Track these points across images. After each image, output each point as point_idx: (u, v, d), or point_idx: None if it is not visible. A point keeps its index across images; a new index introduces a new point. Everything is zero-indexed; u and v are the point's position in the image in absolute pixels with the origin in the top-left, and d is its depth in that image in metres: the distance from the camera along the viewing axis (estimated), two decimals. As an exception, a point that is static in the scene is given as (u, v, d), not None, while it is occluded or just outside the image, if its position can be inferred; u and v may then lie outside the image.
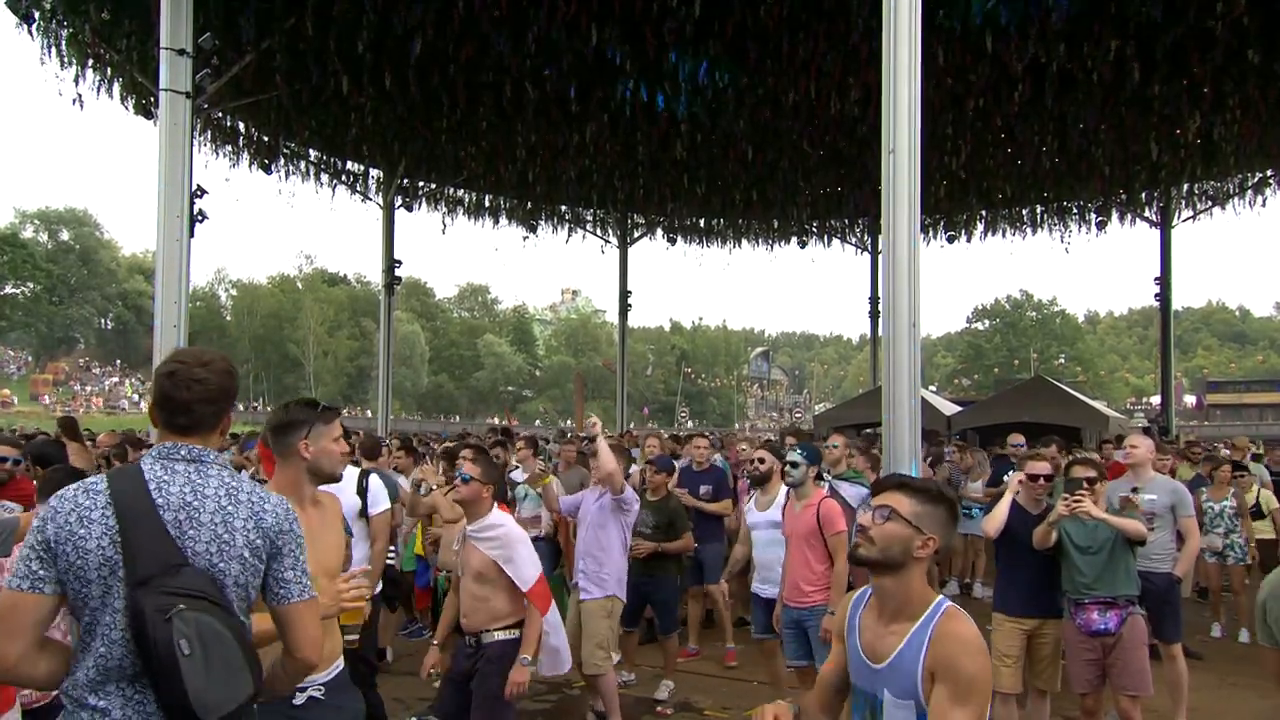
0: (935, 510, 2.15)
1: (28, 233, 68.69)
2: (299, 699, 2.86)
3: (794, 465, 4.94)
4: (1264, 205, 18.34)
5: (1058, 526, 4.53)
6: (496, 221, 20.64)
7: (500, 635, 3.82)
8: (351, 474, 4.68)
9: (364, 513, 4.59)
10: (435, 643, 4.29)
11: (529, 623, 3.82)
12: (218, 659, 1.85)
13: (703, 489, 7.27)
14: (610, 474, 5.17)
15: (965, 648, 2.00)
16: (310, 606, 2.08)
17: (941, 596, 2.14)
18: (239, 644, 1.89)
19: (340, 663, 2.91)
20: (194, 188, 8.94)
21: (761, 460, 5.42)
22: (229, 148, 15.14)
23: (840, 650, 2.33)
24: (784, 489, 5.17)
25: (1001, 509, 4.68)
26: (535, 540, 7.26)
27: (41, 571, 1.86)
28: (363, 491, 4.61)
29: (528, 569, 3.83)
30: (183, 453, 2.03)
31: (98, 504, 1.91)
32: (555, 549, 7.25)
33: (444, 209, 19.85)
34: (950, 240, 21.27)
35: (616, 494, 5.25)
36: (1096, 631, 4.44)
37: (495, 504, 3.99)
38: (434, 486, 6.13)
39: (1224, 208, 19.01)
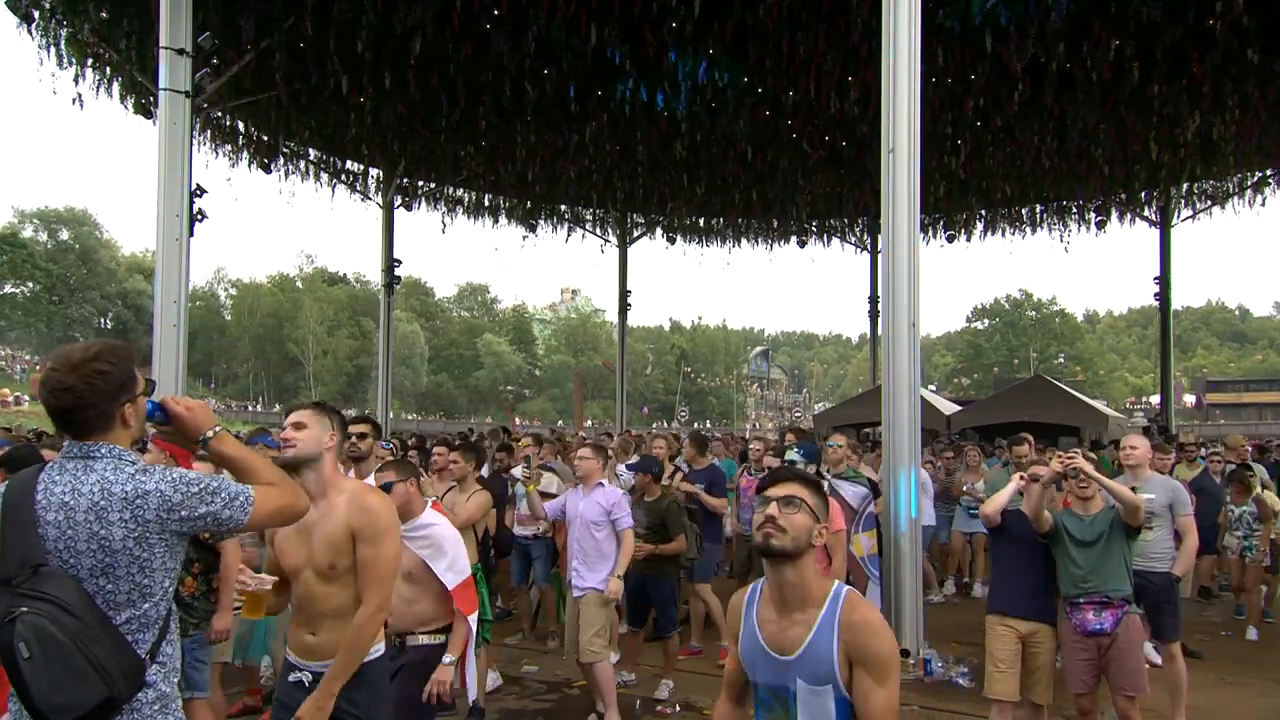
0: (824, 501, 2.22)
1: (27, 232, 68.53)
2: (293, 675, 2.93)
3: (792, 464, 5.02)
4: (1264, 205, 18.38)
5: (1056, 519, 4.51)
6: (496, 221, 20.64)
7: (425, 639, 3.73)
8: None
9: None
10: None
11: (456, 624, 3.74)
12: (55, 663, 1.85)
13: (697, 486, 7.26)
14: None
15: (874, 632, 2.09)
16: (260, 506, 2.12)
17: (838, 582, 2.20)
18: (78, 648, 1.86)
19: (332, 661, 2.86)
20: (194, 187, 8.94)
21: (793, 463, 5.39)
22: (229, 147, 15.15)
23: (735, 651, 2.31)
24: None
25: (1003, 496, 4.62)
26: (534, 538, 7.31)
27: None
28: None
29: (458, 566, 3.76)
30: (74, 450, 2.04)
31: None
32: (554, 547, 7.27)
33: (444, 208, 19.85)
34: (950, 240, 21.29)
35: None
36: (1092, 632, 4.39)
37: (429, 504, 3.93)
38: (438, 496, 6.11)
39: (1223, 207, 19.02)
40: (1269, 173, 17.85)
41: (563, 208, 21.41)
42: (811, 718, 2.10)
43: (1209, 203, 19.25)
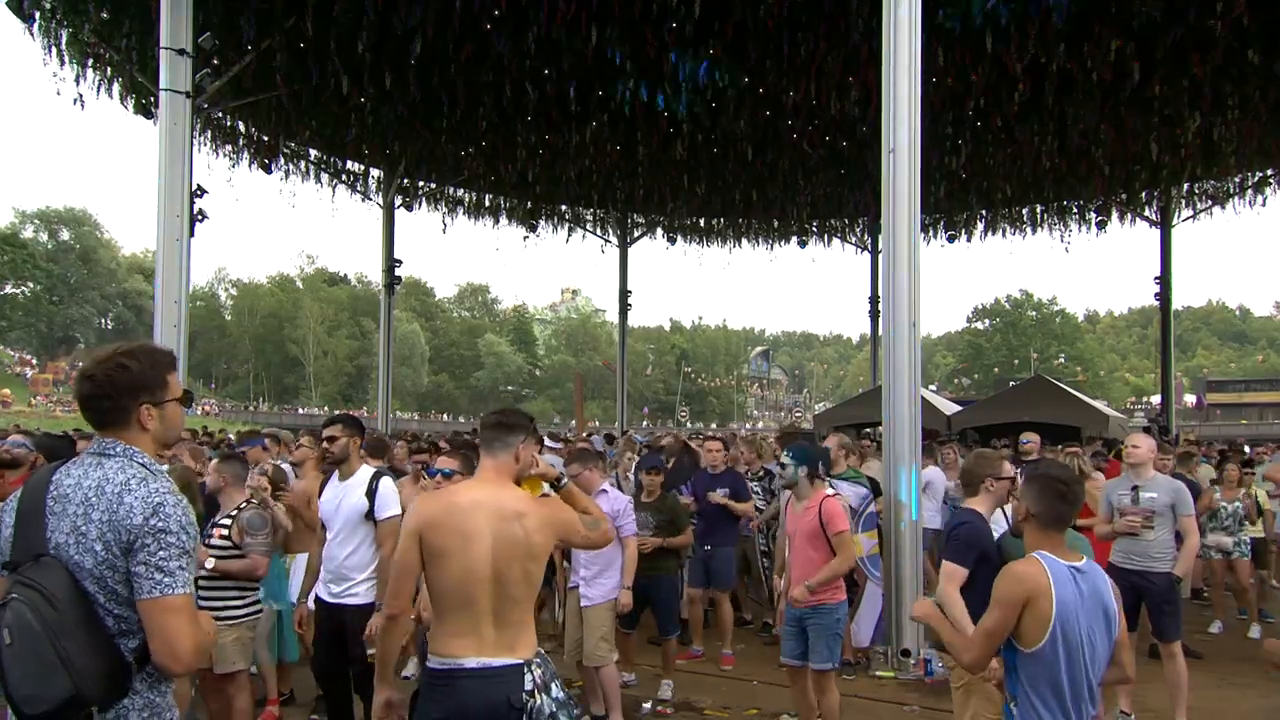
0: None
1: (28, 232, 68.61)
2: None
3: (783, 466, 5.03)
4: (1264, 205, 18.43)
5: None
6: (496, 221, 20.68)
7: None
8: (364, 474, 4.49)
9: (370, 515, 4.39)
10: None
11: None
12: (28, 652, 1.85)
13: (719, 492, 7.22)
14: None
15: None
16: (161, 605, 1.93)
17: None
18: (51, 640, 1.85)
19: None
20: (194, 188, 8.95)
21: (784, 466, 5.36)
22: (229, 148, 15.16)
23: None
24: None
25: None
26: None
27: None
28: (371, 494, 4.42)
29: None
30: (94, 447, 2.07)
31: (16, 495, 2.05)
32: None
33: (444, 209, 19.88)
34: (950, 240, 21.29)
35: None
36: None
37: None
38: None
39: (1224, 207, 19.05)
40: (1269, 173, 17.87)
41: (563, 208, 21.44)
42: None
43: (1209, 203, 19.28)
